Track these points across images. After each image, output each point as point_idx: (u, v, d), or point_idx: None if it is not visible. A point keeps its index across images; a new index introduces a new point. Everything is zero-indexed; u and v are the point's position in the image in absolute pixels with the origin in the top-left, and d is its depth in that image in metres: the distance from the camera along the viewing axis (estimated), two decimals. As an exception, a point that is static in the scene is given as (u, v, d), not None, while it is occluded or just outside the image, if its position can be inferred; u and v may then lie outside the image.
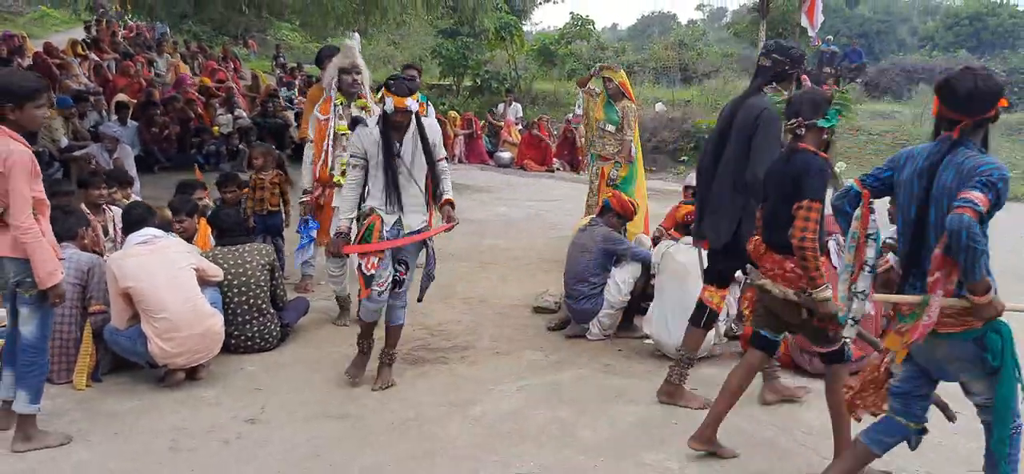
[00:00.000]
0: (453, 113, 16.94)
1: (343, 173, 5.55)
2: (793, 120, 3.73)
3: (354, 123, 4.78)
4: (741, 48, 26.11)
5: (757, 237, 3.94)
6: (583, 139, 13.01)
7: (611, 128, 7.51)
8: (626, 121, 7.46)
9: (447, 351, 5.46)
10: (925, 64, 24.08)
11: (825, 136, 3.74)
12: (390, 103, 4.44)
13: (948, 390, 3.53)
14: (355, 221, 4.76)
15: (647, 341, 5.52)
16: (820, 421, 4.38)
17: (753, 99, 4.40)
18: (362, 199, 4.75)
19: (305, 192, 6.26)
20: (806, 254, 3.56)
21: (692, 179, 6.68)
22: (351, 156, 4.64)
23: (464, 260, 8.33)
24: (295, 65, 20.31)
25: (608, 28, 64.35)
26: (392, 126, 4.57)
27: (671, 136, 17.11)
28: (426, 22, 16.93)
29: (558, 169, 15.80)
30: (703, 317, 4.57)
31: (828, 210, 3.64)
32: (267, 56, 24.40)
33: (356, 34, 16.02)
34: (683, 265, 5.31)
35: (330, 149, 6.06)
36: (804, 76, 13.77)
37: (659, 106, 18.41)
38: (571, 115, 15.64)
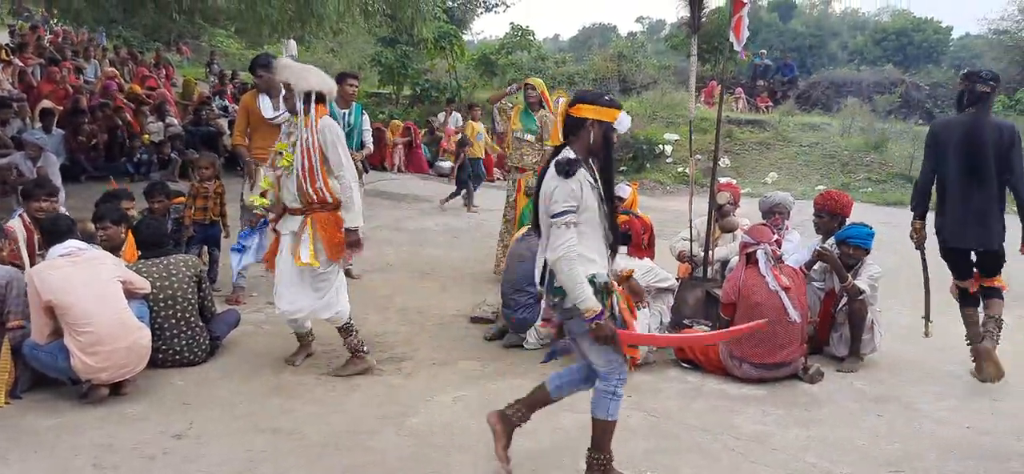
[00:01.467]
0: (395, 122, 16.85)
1: (262, 193, 5.19)
2: None
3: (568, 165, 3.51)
4: (677, 60, 26.54)
5: None
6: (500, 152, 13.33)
7: (530, 137, 7.52)
8: (545, 131, 7.47)
9: (383, 363, 5.40)
10: (853, 77, 24.80)
11: None
12: (625, 120, 3.65)
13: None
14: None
15: (584, 349, 5.55)
16: (749, 427, 4.47)
17: (995, 120, 5.10)
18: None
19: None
20: None
21: (622, 191, 6.76)
22: (565, 213, 3.44)
23: (403, 271, 8.27)
24: (230, 72, 19.95)
25: (550, 39, 64.85)
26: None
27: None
28: (365, 30, 16.78)
29: (499, 179, 15.81)
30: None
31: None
32: (201, 63, 23.93)
33: (292, 41, 15.92)
34: (618, 273, 5.35)
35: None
36: (739, 88, 14.11)
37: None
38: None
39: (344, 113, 7.67)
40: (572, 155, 3.49)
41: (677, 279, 6.08)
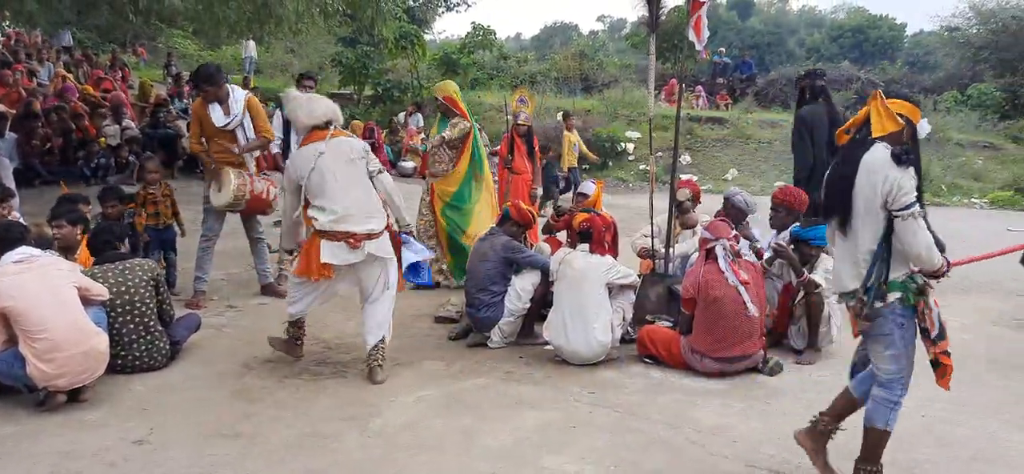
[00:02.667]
0: (356, 122, 16.74)
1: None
2: None
3: None
4: (638, 59, 26.75)
5: None
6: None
7: (450, 153, 7.50)
8: (454, 136, 7.42)
9: (346, 364, 5.39)
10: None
11: None
12: (925, 125, 3.51)
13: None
14: None
15: (547, 347, 5.59)
16: (710, 420, 4.53)
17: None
18: None
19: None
20: None
21: (587, 188, 6.81)
22: (914, 203, 3.28)
23: (365, 271, 8.23)
24: (188, 73, 19.68)
25: (512, 38, 64.97)
26: None
27: (572, 145, 17.34)
28: (324, 30, 16.66)
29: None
30: None
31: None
32: (158, 64, 23.59)
33: (251, 42, 15.83)
34: (580, 271, 5.40)
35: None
36: (699, 86, 14.35)
37: (560, 115, 18.65)
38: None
39: None
40: (900, 146, 3.33)
41: (639, 276, 6.14)
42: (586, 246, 5.57)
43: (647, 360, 5.48)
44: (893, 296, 3.40)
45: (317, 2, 11.43)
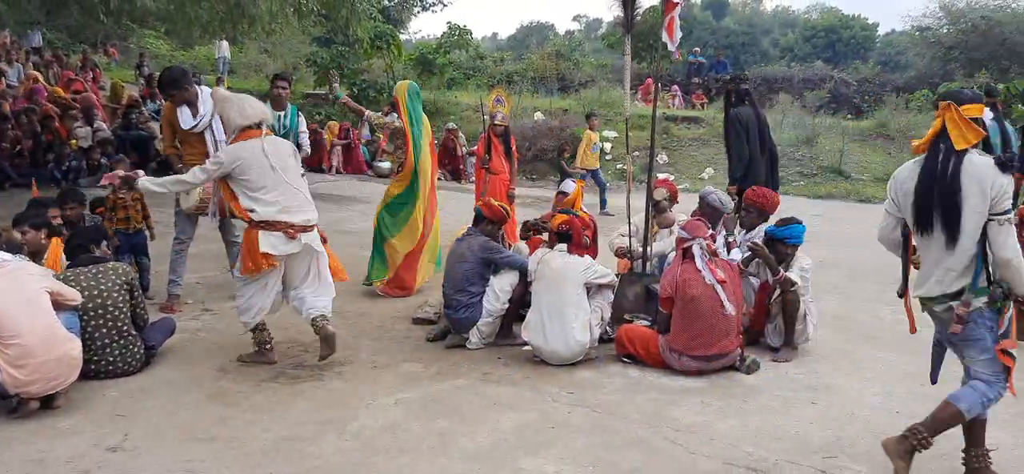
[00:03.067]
0: (332, 123, 16.68)
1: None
2: None
3: None
4: (614, 58, 26.83)
5: None
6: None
7: (391, 148, 7.57)
8: (376, 123, 7.65)
9: (323, 368, 5.34)
10: (785, 74, 25.43)
11: None
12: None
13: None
14: None
15: (526, 347, 5.58)
16: (688, 418, 4.55)
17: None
18: None
19: None
20: None
21: (568, 186, 6.82)
22: (1009, 210, 3.48)
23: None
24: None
25: (488, 37, 64.95)
26: None
27: (551, 145, 17.39)
28: (299, 30, 16.55)
29: (440, 178, 15.76)
30: None
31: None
32: (130, 65, 23.32)
33: (224, 42, 15.69)
34: (558, 271, 5.41)
35: None
36: (675, 86, 14.46)
37: (538, 115, 18.69)
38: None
39: (279, 115, 7.57)
40: (1003, 155, 3.51)
41: (616, 275, 6.15)
42: (564, 246, 5.58)
43: (625, 359, 5.49)
44: (980, 301, 3.51)
45: (291, 2, 11.35)
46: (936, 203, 3.54)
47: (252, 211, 5.01)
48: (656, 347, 5.32)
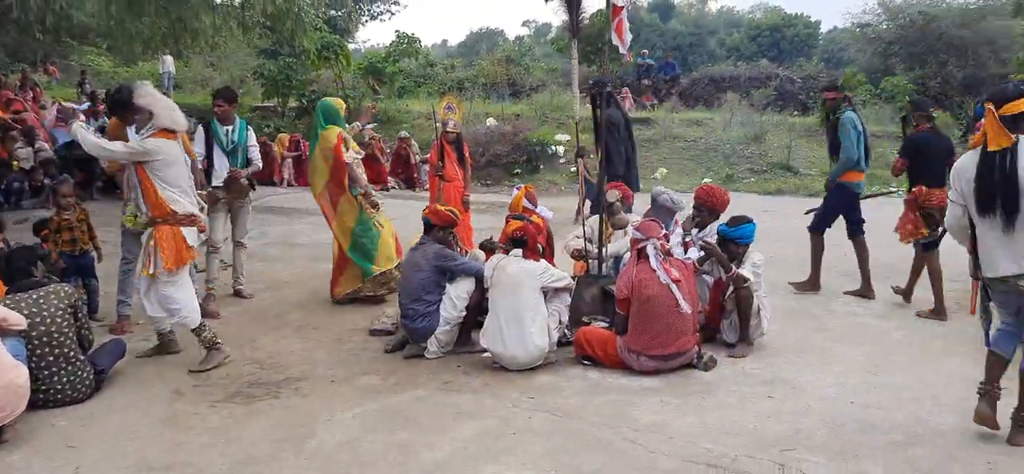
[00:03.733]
0: (282, 135, 16.46)
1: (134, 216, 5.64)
2: None
3: None
4: (564, 63, 26.94)
5: None
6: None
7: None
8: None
9: (279, 384, 5.27)
10: (732, 73, 25.80)
11: None
12: None
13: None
14: None
15: (485, 354, 5.57)
16: (648, 418, 4.58)
17: None
18: None
19: None
20: None
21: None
22: None
23: (297, 287, 8.10)
24: (104, 91, 19.04)
25: (438, 44, 64.78)
26: None
27: (504, 150, 17.40)
28: (244, 43, 16.31)
29: (393, 187, 15.70)
30: None
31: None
32: (72, 83, 22.78)
33: (169, 57, 15.40)
34: (515, 276, 5.41)
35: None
36: (625, 88, 14.71)
37: (490, 121, 18.69)
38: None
39: (227, 129, 7.45)
40: None
41: (573, 277, 6.17)
42: (520, 252, 5.58)
43: (585, 361, 5.50)
44: None
45: (235, 15, 11.18)
46: (997, 189, 3.95)
47: (177, 203, 5.42)
48: (614, 348, 5.34)
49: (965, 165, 4.17)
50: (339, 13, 29.46)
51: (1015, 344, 4.30)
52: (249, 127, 7.74)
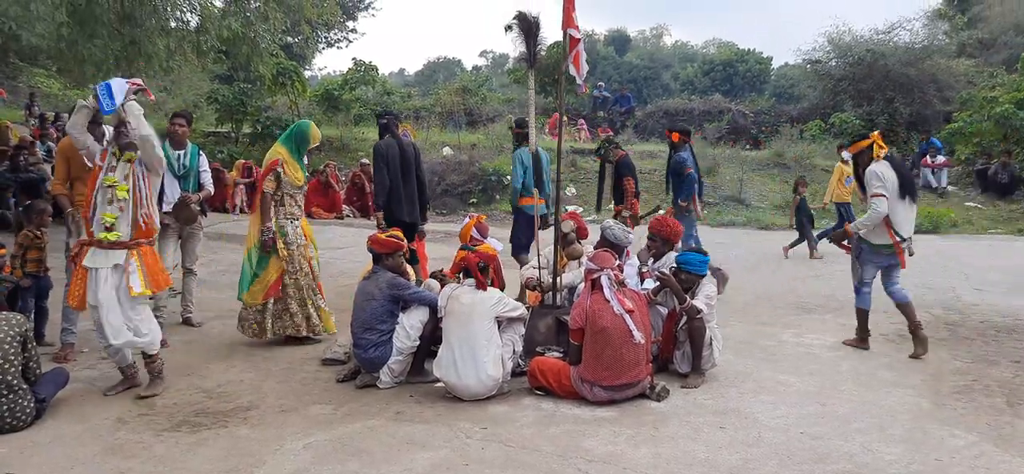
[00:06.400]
0: (238, 161, 16.24)
1: (108, 228, 5.29)
2: None
3: None
4: (521, 93, 27.13)
5: None
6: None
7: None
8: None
9: (228, 414, 5.17)
10: (686, 106, 26.19)
11: None
12: None
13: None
14: None
15: (439, 384, 5.53)
16: (603, 448, 4.58)
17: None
18: None
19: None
20: None
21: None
22: None
23: (247, 315, 7.95)
24: (53, 114, 18.67)
25: (396, 73, 64.72)
26: None
27: (460, 179, 17.40)
28: (198, 68, 16.09)
29: (348, 215, 15.57)
30: None
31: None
32: (20, 105, 22.27)
33: (121, 80, 14.86)
34: (468, 306, 5.40)
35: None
36: (581, 120, 14.78)
37: (446, 150, 18.70)
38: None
39: (179, 154, 7.35)
40: None
41: (528, 308, 6.18)
42: (472, 281, 5.58)
43: (538, 392, 5.49)
44: None
45: (189, 40, 11.06)
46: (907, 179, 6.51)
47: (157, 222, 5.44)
48: (568, 378, 5.35)
49: (883, 170, 6.43)
50: (295, 40, 29.33)
51: (870, 300, 6.69)
52: (201, 152, 7.65)
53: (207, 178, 7.65)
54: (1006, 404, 5.37)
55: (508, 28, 6.43)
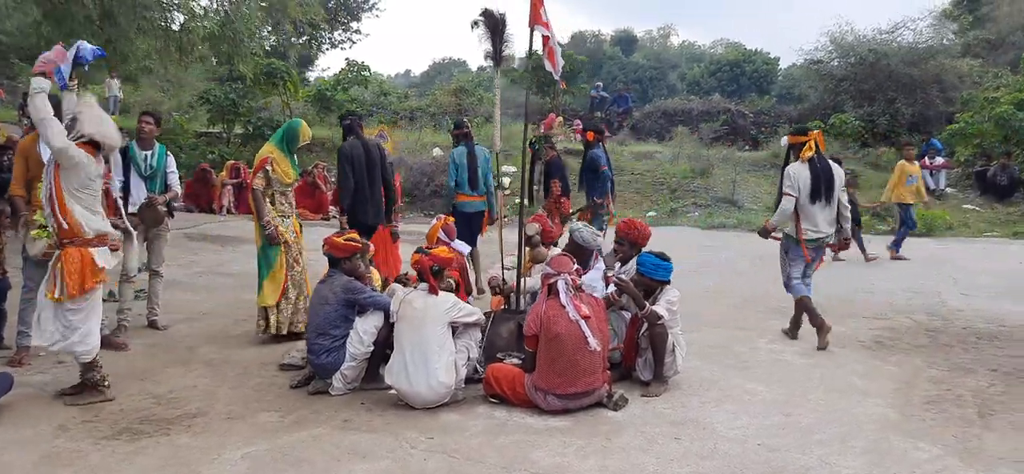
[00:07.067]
0: (228, 162, 16.15)
1: (40, 227, 5.39)
2: None
3: None
4: (516, 94, 26.94)
5: None
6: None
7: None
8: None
9: (173, 420, 5.03)
10: (684, 107, 26.01)
11: None
12: None
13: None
14: None
15: (392, 391, 5.39)
16: (550, 460, 4.43)
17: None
18: None
19: None
20: None
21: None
22: None
23: (217, 318, 7.87)
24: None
25: (401, 74, 64.64)
26: None
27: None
28: (183, 68, 15.90)
29: (335, 217, 15.44)
30: None
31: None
32: (13, 104, 22.27)
33: (115, 80, 15.03)
34: (421, 310, 5.26)
35: None
36: (577, 120, 14.67)
37: (436, 151, 18.58)
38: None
39: (146, 154, 7.25)
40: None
41: (486, 313, 6.04)
42: (425, 285, 5.43)
43: (493, 400, 5.34)
44: None
45: (174, 39, 10.96)
46: (825, 182, 6.90)
47: (88, 222, 5.10)
48: (522, 386, 5.19)
49: (797, 171, 6.91)
50: (300, 41, 29.26)
51: (810, 288, 7.03)
52: (169, 153, 7.54)
53: (174, 179, 7.54)
54: (977, 415, 5.20)
55: (474, 25, 6.28)
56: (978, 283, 9.89)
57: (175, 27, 11.88)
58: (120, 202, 7.19)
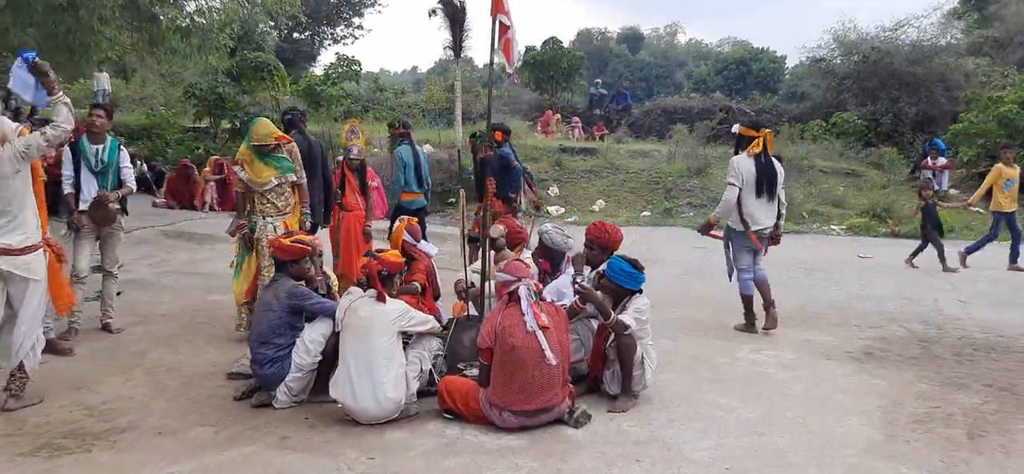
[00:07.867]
0: (213, 157, 15.82)
1: None
2: None
3: None
4: (518, 91, 26.59)
5: None
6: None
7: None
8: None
9: (99, 436, 4.68)
10: (684, 105, 25.60)
11: None
12: None
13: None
14: None
15: (340, 405, 5.02)
16: (493, 486, 4.06)
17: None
18: None
19: None
20: None
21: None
22: None
23: (173, 321, 7.51)
24: (30, 109, 18.30)
25: (408, 71, 64.28)
26: None
27: (439, 178, 16.91)
28: (156, 62, 15.48)
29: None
30: None
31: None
32: (-1, 100, 22.01)
33: (104, 74, 14.68)
34: (367, 319, 4.89)
35: None
36: (576, 118, 14.46)
37: (427, 147, 18.21)
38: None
39: (96, 149, 6.91)
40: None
41: (451, 319, 5.67)
42: (373, 292, 5.05)
43: (447, 415, 4.96)
44: None
45: (146, 30, 10.62)
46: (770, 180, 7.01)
47: None
48: (476, 401, 4.82)
49: (742, 162, 7.06)
50: (303, 36, 28.88)
51: (753, 285, 7.18)
52: (122, 147, 7.18)
53: (128, 174, 7.18)
54: (966, 436, 4.80)
55: (432, 13, 5.90)
56: (977, 290, 9.48)
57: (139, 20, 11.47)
58: (71, 200, 6.89)
